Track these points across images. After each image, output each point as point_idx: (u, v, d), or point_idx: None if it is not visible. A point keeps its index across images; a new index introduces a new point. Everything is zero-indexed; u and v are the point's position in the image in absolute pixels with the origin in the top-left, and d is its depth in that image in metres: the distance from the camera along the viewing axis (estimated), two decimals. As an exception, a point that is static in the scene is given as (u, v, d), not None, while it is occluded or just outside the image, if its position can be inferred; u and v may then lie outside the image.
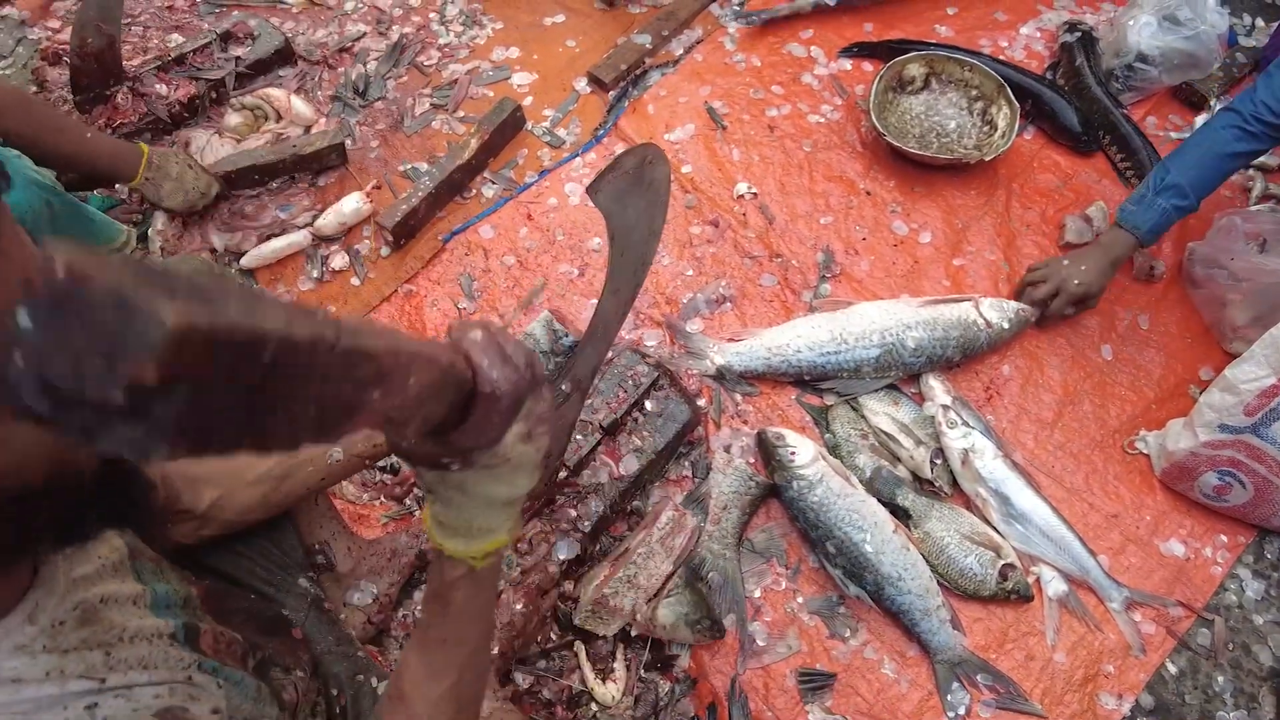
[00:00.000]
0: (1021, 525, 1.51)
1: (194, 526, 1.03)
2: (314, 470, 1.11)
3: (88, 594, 0.72)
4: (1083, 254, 1.71)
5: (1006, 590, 1.46)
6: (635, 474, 1.50)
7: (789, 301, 1.80)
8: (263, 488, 1.07)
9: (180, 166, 1.74)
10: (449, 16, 2.27)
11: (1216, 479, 1.50)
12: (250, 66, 2.07)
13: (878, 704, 1.42)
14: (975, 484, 1.54)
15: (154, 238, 1.89)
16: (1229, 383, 1.42)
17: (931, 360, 1.64)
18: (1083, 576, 1.49)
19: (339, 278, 1.86)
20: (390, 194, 1.95)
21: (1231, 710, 1.42)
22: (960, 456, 1.55)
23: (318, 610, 1.19)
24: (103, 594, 0.74)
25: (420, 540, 1.46)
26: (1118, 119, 1.96)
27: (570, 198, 1.94)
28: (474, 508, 0.69)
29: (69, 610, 0.68)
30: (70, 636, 0.67)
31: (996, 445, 1.57)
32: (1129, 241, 1.66)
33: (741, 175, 1.96)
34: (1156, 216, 1.62)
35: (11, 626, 0.63)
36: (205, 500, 1.01)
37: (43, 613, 0.66)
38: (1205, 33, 1.92)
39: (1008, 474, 1.54)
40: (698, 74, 2.13)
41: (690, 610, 1.40)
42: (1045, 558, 1.51)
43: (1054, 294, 1.68)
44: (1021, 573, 1.48)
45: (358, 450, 1.13)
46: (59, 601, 0.68)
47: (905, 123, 2.04)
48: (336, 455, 1.11)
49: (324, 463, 1.11)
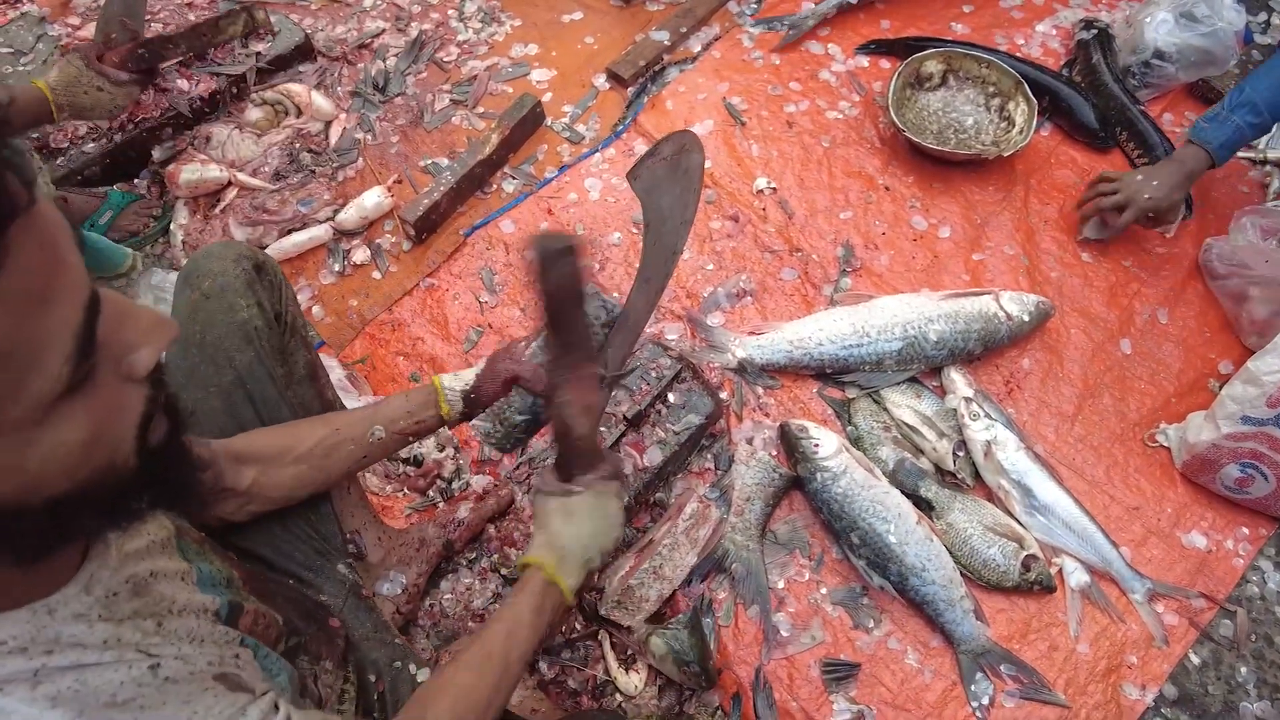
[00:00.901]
0: (1044, 517, 1.52)
1: (239, 504, 1.04)
2: (355, 448, 1.10)
3: (138, 568, 0.73)
4: (1155, 169, 1.73)
5: (1029, 581, 1.47)
6: (659, 465, 1.51)
7: (810, 296, 1.81)
8: (305, 465, 1.07)
9: (86, 87, 1.71)
10: (468, 13, 2.28)
11: (1239, 471, 1.51)
12: (271, 62, 2.08)
13: (901, 694, 1.42)
14: (998, 476, 1.55)
15: (175, 231, 1.91)
16: (1252, 375, 1.42)
17: (953, 353, 1.65)
18: (1105, 568, 1.50)
19: (360, 271, 1.87)
20: (411, 189, 1.97)
21: (1255, 701, 1.42)
22: (983, 449, 1.56)
23: (355, 597, 1.20)
24: (152, 569, 0.75)
25: (447, 530, 1.47)
26: (1135, 115, 1.97)
27: (590, 193, 1.95)
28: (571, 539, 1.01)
29: (121, 583, 0.70)
30: (124, 606, 0.69)
31: (1019, 437, 1.58)
32: (1201, 157, 1.67)
33: (761, 170, 1.97)
34: (1229, 132, 1.64)
35: (69, 595, 0.64)
36: (246, 479, 1.02)
37: (98, 584, 0.67)
38: (1222, 30, 1.93)
39: (1030, 466, 1.55)
40: (716, 70, 2.14)
41: (685, 650, 1.36)
42: (1068, 549, 1.51)
43: (1124, 205, 1.71)
44: (1044, 564, 1.48)
45: (399, 428, 1.12)
46: (112, 574, 0.69)
47: (923, 119, 2.05)
48: (379, 433, 1.11)
49: (366, 440, 1.10)
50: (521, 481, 1.59)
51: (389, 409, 1.13)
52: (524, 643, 0.95)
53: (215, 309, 1.11)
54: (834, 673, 1.43)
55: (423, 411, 1.14)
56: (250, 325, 1.12)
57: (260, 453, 1.04)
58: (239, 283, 1.14)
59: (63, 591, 0.64)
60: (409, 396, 1.14)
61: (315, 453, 1.07)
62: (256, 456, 1.04)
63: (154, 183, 1.98)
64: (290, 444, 1.06)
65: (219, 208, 1.92)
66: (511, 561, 1.49)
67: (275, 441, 1.06)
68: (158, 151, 1.97)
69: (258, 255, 1.19)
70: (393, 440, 1.13)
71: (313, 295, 1.84)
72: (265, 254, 1.23)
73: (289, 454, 1.06)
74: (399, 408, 1.13)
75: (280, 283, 1.24)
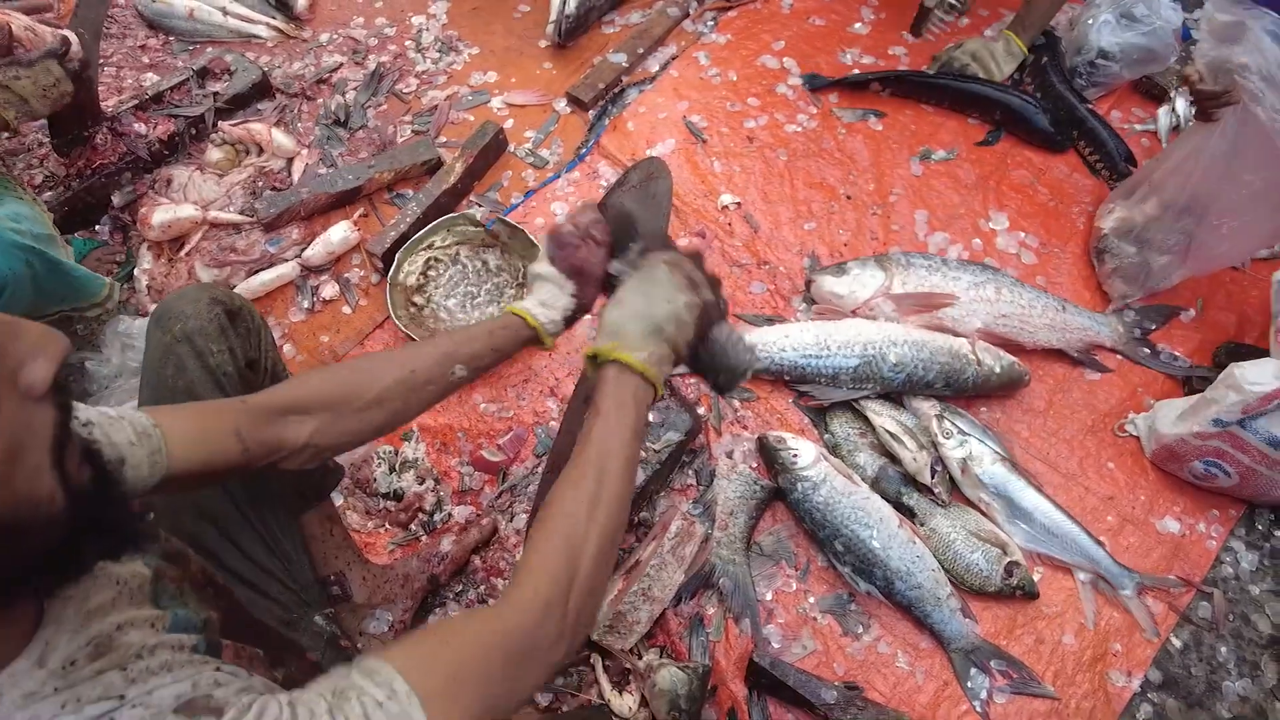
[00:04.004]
0: (1027, 525, 1.54)
1: (305, 458, 0.98)
2: (435, 388, 1.04)
3: (103, 625, 0.69)
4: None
5: (1012, 587, 1.48)
6: (642, 485, 1.51)
7: (779, 308, 1.83)
8: (377, 410, 1.01)
9: (27, 84, 1.63)
10: (425, 44, 2.29)
11: (1203, 468, 1.55)
12: (229, 101, 2.08)
13: (895, 697, 1.43)
14: (977, 490, 1.57)
15: (140, 276, 1.88)
16: (1236, 381, 1.44)
17: (911, 379, 1.63)
18: (1093, 568, 1.52)
19: (330, 307, 1.86)
20: (378, 221, 1.96)
21: (1236, 680, 1.45)
22: (959, 466, 1.58)
23: (334, 648, 1.18)
24: (119, 621, 0.71)
25: (431, 564, 1.46)
26: (1083, 114, 2.03)
27: (557, 217, 1.96)
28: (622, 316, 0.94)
29: (81, 646, 0.66)
30: (84, 670, 0.64)
31: (995, 443, 1.59)
32: None
33: (724, 186, 2.00)
34: None
35: (19, 672, 0.59)
36: (305, 432, 0.97)
37: (54, 652, 0.63)
38: (1161, 28, 2.00)
39: (1008, 477, 1.56)
40: (675, 89, 2.17)
41: (685, 697, 1.35)
42: (1053, 554, 1.53)
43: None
44: (1026, 570, 1.50)
45: (483, 364, 1.07)
46: (71, 638, 0.65)
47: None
48: (460, 372, 1.04)
49: (446, 380, 1.04)
50: (504, 510, 1.58)
51: (472, 347, 1.06)
52: (616, 440, 0.87)
53: (186, 353, 1.10)
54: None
55: (512, 346, 1.08)
56: (220, 371, 1.11)
57: (320, 399, 0.98)
58: (211, 327, 1.12)
59: (11, 668, 0.60)
60: (492, 333, 1.07)
61: (388, 397, 1.01)
62: (316, 404, 0.97)
63: (116, 229, 1.96)
64: (356, 389, 0.99)
65: (184, 250, 1.90)
66: (499, 592, 1.48)
67: (338, 386, 0.99)
68: (117, 197, 1.95)
69: (233, 300, 1.17)
70: (474, 375, 1.07)
71: (283, 334, 1.83)
72: (242, 299, 1.20)
73: (356, 399, 0.99)
74: (482, 344, 1.06)
75: (258, 328, 1.22)
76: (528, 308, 1.08)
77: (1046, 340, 1.73)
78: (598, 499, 0.83)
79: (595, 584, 0.81)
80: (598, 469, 0.85)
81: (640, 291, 0.96)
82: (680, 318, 0.95)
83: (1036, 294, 1.76)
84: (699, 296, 0.97)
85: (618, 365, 0.91)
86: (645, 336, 0.93)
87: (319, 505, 1.34)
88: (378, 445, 1.67)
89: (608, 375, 0.91)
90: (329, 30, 2.34)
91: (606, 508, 0.83)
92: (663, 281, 0.96)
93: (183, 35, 2.29)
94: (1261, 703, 1.44)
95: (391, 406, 1.01)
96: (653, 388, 0.92)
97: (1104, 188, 2.00)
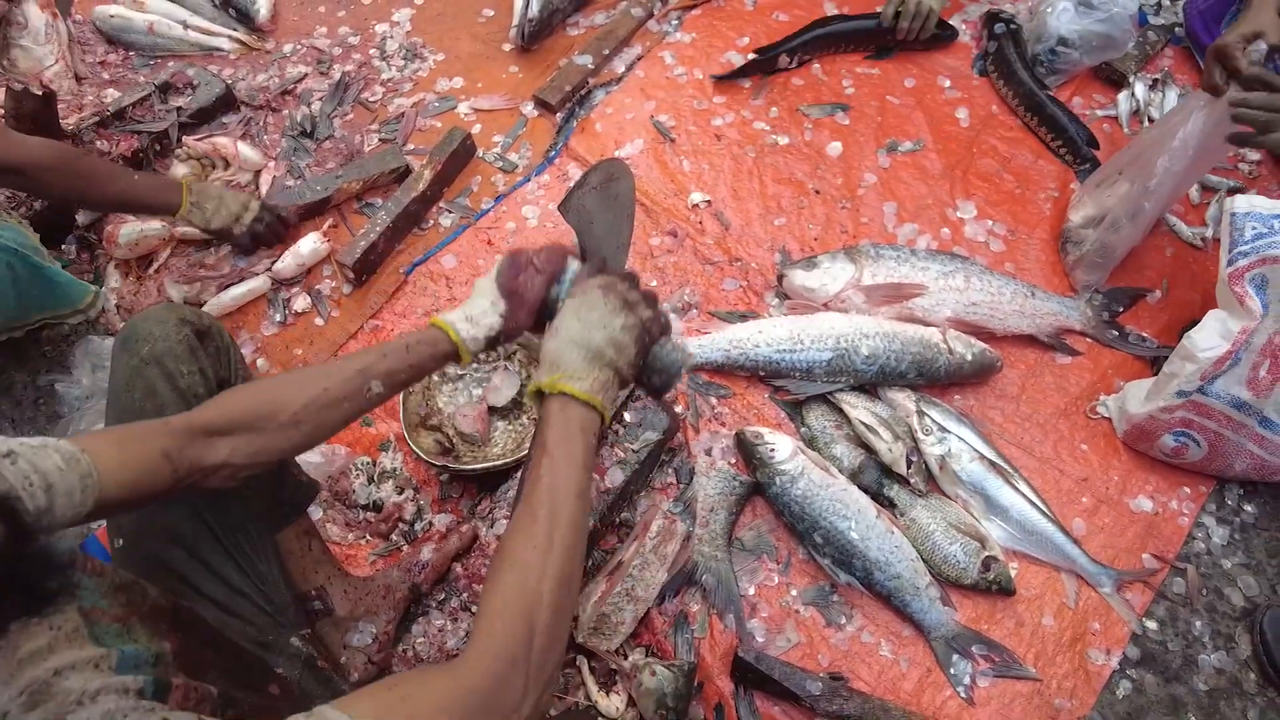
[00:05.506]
0: (1003, 521, 1.56)
1: (222, 478, 0.97)
2: (350, 406, 1.02)
3: (37, 671, 0.67)
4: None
5: (988, 581, 1.49)
6: (622, 485, 1.52)
7: (753, 304, 1.84)
8: (293, 430, 0.99)
9: (218, 188, 1.79)
10: (389, 52, 2.28)
11: (1173, 441, 1.57)
12: (193, 116, 2.06)
13: (879, 685, 1.45)
14: (955, 486, 1.59)
15: (108, 295, 1.86)
16: (1188, 351, 1.48)
17: (884, 371, 1.64)
18: (1069, 566, 1.53)
19: (302, 320, 1.85)
20: (347, 231, 1.95)
21: (1211, 652, 1.48)
22: (938, 463, 1.59)
23: (311, 670, 1.17)
24: (57, 666, 0.69)
25: (412, 574, 1.46)
26: (1043, 100, 2.05)
27: (528, 220, 1.96)
28: (559, 345, 0.95)
29: (14, 697, 0.64)
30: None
31: (975, 435, 1.61)
32: None
33: (694, 185, 2.00)
34: None
35: None
36: (221, 453, 0.95)
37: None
38: (1118, 15, 2.03)
39: (986, 474, 1.58)
40: (642, 90, 2.17)
41: (671, 695, 1.35)
42: (1030, 553, 1.55)
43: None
44: (1004, 565, 1.51)
45: (400, 380, 1.06)
46: (2, 689, 0.64)
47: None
48: (377, 388, 1.03)
49: (363, 397, 1.03)
50: (484, 517, 1.58)
51: (387, 364, 1.04)
52: (563, 476, 0.87)
53: (155, 375, 1.09)
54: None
55: (430, 363, 1.06)
56: (192, 393, 1.10)
57: (238, 420, 0.96)
58: (181, 348, 1.11)
59: None
60: (410, 349, 1.05)
61: (303, 416, 0.99)
62: (234, 424, 0.96)
63: (82, 248, 1.94)
64: (271, 409, 0.98)
65: (153, 268, 1.88)
66: (479, 598, 1.48)
67: (253, 406, 0.98)
68: (82, 216, 1.92)
69: (202, 320, 1.15)
70: (392, 392, 1.06)
71: (256, 348, 1.81)
72: (210, 318, 1.18)
73: (271, 420, 0.98)
74: (398, 360, 1.04)
75: (227, 347, 1.21)
76: (452, 321, 1.06)
77: (1017, 326, 1.75)
78: (550, 543, 0.83)
79: (556, 632, 0.81)
80: (549, 510, 0.85)
81: (576, 318, 0.97)
82: (618, 340, 0.96)
83: (1005, 280, 1.78)
84: (636, 316, 0.98)
85: (561, 398, 0.92)
86: (587, 364, 0.94)
87: (296, 521, 1.33)
88: (355, 456, 1.66)
89: (552, 409, 0.92)
90: (292, 41, 2.32)
91: (560, 550, 0.83)
92: (598, 305, 0.97)
93: (143, 50, 2.26)
94: (1236, 674, 1.46)
95: (307, 426, 1.00)
96: (600, 415, 0.93)
97: (1069, 172, 2.02)
